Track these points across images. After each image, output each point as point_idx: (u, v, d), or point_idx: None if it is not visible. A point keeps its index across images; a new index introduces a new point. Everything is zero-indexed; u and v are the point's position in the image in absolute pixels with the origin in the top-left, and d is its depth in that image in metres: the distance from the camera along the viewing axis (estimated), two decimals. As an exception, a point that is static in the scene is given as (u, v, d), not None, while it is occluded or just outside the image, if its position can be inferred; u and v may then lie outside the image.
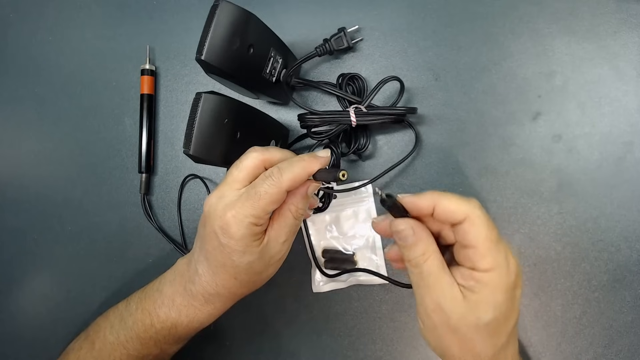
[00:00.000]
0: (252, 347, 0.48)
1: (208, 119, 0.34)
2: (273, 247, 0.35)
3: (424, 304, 0.30)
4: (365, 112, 0.42)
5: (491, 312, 0.28)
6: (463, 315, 0.29)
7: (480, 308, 0.28)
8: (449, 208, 0.29)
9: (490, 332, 0.29)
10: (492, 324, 0.29)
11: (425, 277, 0.30)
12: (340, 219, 0.47)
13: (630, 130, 0.44)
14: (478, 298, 0.28)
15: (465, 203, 0.29)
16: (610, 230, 0.44)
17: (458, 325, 0.29)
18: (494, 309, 0.28)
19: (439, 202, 0.29)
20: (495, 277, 0.28)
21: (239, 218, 0.32)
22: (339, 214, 0.47)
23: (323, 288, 0.46)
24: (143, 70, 0.50)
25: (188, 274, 0.36)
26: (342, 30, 0.46)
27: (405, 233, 0.30)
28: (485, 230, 0.29)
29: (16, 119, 0.53)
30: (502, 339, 0.30)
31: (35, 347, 0.50)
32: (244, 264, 0.34)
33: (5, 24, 0.54)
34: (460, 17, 0.47)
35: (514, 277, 0.29)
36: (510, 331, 0.30)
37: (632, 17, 0.45)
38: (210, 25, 0.34)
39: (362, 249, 0.46)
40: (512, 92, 0.46)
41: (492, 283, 0.28)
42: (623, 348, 0.44)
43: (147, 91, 0.50)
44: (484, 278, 0.28)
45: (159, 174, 0.50)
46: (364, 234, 0.46)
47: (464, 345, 0.29)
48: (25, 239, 0.52)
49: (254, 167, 0.33)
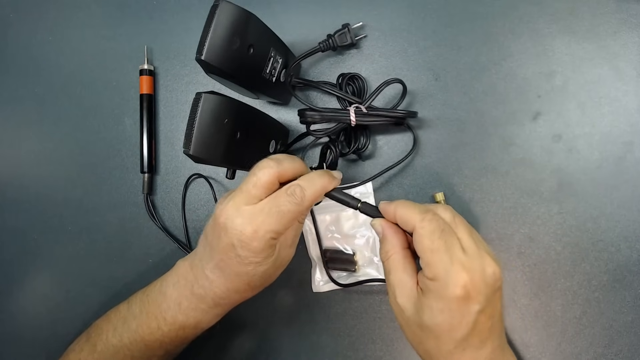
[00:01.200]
0: (252, 347, 0.48)
1: (208, 119, 0.34)
2: (283, 253, 0.36)
3: (389, 293, 0.34)
4: (366, 112, 0.42)
5: (431, 320, 0.30)
6: (412, 313, 0.32)
7: (424, 311, 0.30)
8: (402, 217, 0.33)
9: (434, 335, 0.31)
10: (434, 329, 0.30)
11: (387, 272, 0.34)
12: (341, 219, 0.47)
13: (630, 130, 0.44)
14: (424, 302, 0.31)
15: (416, 214, 0.32)
16: (610, 230, 0.44)
17: (408, 320, 0.32)
18: (434, 316, 0.30)
19: (396, 210, 0.33)
20: (438, 287, 0.30)
21: (260, 234, 0.32)
22: (339, 214, 0.47)
23: (323, 288, 0.46)
24: (142, 70, 0.50)
25: (193, 277, 0.36)
26: (346, 26, 0.45)
27: (375, 229, 0.35)
28: (427, 242, 0.30)
29: (16, 119, 0.53)
30: (449, 345, 0.31)
31: (35, 347, 0.50)
32: (259, 274, 0.34)
33: (5, 24, 0.54)
34: (460, 17, 0.47)
35: (459, 291, 0.29)
36: (459, 341, 0.30)
37: (632, 17, 0.45)
38: (210, 25, 0.34)
39: (363, 249, 0.46)
40: (512, 92, 0.46)
41: (435, 291, 0.30)
42: (623, 348, 0.44)
43: (146, 91, 0.50)
44: (429, 285, 0.30)
45: (160, 174, 0.50)
46: (364, 234, 0.46)
47: (415, 338, 0.32)
48: (25, 239, 0.52)
49: (270, 183, 0.33)
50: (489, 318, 0.31)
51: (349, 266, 0.46)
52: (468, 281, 0.29)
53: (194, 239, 0.50)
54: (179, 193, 0.50)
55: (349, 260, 0.46)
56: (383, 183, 0.47)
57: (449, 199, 0.46)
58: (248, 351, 0.48)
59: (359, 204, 0.36)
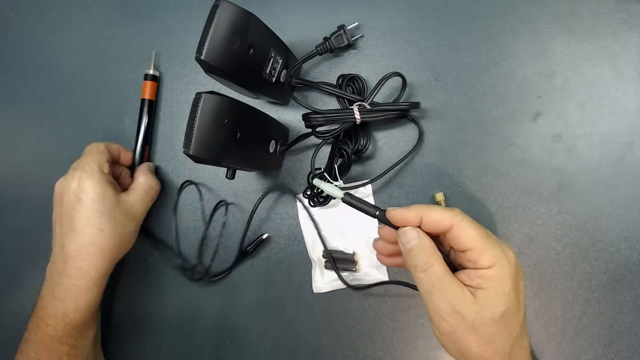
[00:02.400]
0: (252, 347, 0.48)
1: (208, 119, 0.34)
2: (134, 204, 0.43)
3: (437, 309, 0.31)
4: (369, 109, 0.42)
5: (503, 304, 0.30)
6: (478, 312, 0.30)
7: (492, 302, 0.30)
8: (434, 218, 0.32)
9: (505, 324, 0.30)
10: (506, 315, 0.30)
11: (436, 282, 0.31)
12: (339, 219, 0.47)
13: (630, 130, 0.44)
14: (488, 294, 0.30)
15: (447, 212, 0.32)
16: (610, 230, 0.44)
17: (475, 323, 0.30)
18: (504, 300, 0.30)
19: (425, 213, 0.32)
20: (499, 271, 0.30)
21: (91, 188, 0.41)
22: (337, 215, 0.47)
23: (323, 288, 0.46)
24: (146, 75, 0.50)
25: (53, 266, 0.41)
26: (342, 28, 0.46)
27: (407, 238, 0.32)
28: (474, 231, 0.31)
29: (16, 119, 0.53)
30: (517, 329, 0.31)
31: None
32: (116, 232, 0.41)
33: (5, 24, 0.54)
34: (460, 17, 0.47)
35: (515, 267, 0.31)
36: (522, 321, 0.31)
37: (632, 17, 0.45)
38: (211, 25, 0.34)
39: (363, 249, 0.46)
40: (512, 92, 0.46)
41: (497, 277, 0.30)
42: (623, 348, 0.44)
43: (148, 96, 0.49)
44: (489, 274, 0.30)
45: (160, 175, 0.50)
46: (364, 234, 0.46)
47: (483, 341, 0.30)
48: (25, 239, 0.52)
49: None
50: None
51: (349, 266, 0.46)
52: (515, 256, 0.31)
53: (185, 245, 0.50)
54: (179, 194, 0.50)
55: (349, 260, 0.46)
56: (383, 183, 0.47)
57: (449, 199, 0.46)
58: (248, 351, 0.48)
59: (377, 212, 0.34)
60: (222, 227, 0.49)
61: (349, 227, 0.47)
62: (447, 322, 0.30)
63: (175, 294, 0.49)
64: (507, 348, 0.30)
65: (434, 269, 0.31)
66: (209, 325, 0.49)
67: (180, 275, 0.49)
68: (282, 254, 0.48)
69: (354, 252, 0.46)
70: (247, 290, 0.49)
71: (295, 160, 0.48)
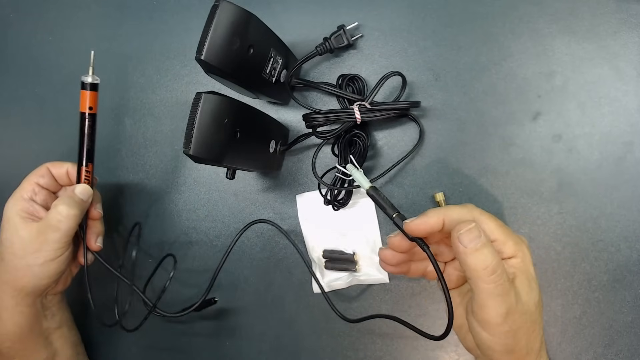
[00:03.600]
0: (252, 347, 0.48)
1: (208, 119, 0.34)
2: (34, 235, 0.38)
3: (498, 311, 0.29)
4: (369, 108, 0.42)
5: (536, 289, 0.32)
6: (523, 303, 0.30)
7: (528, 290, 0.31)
8: (455, 217, 0.32)
9: (541, 307, 0.32)
10: (539, 299, 0.32)
11: (504, 281, 0.29)
12: (341, 219, 0.47)
13: (630, 130, 0.44)
14: (522, 282, 0.31)
15: (464, 208, 0.32)
16: (610, 230, 0.44)
17: (525, 315, 0.30)
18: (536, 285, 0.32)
19: (446, 215, 0.32)
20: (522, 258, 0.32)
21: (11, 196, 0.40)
22: (338, 214, 0.47)
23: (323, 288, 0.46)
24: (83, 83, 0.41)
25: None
26: (342, 28, 0.46)
27: (474, 234, 0.30)
28: (493, 222, 0.32)
29: (16, 119, 0.53)
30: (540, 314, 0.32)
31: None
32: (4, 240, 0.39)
33: (5, 24, 0.54)
34: (460, 17, 0.47)
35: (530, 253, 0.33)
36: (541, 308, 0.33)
37: (632, 17, 0.45)
38: (210, 25, 0.34)
39: (363, 249, 0.46)
40: (512, 92, 0.46)
41: (523, 264, 0.32)
42: (623, 348, 0.44)
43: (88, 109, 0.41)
44: (516, 263, 0.31)
45: (159, 175, 0.50)
46: (364, 234, 0.46)
47: (533, 329, 0.31)
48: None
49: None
50: None
51: (349, 266, 0.46)
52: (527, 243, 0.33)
53: (176, 249, 0.49)
54: (179, 194, 0.50)
55: (349, 260, 0.46)
56: (383, 183, 0.47)
57: (449, 199, 0.46)
58: (248, 351, 0.48)
59: (394, 214, 0.33)
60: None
61: (348, 228, 0.47)
62: (512, 319, 0.30)
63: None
64: (542, 332, 0.33)
65: (493, 279, 0.29)
66: (209, 325, 0.49)
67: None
68: (282, 254, 0.48)
69: (354, 252, 0.46)
70: (247, 290, 0.49)
71: (295, 160, 0.48)
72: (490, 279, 0.29)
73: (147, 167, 0.51)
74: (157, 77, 0.51)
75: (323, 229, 0.47)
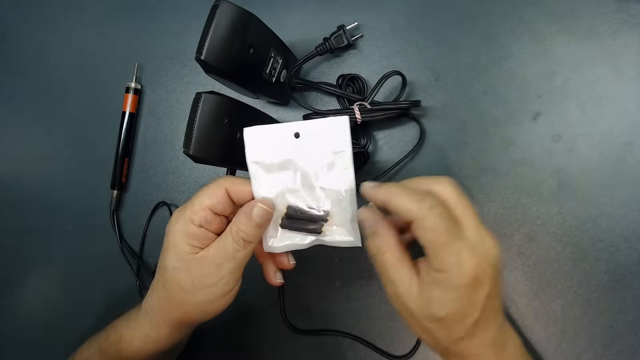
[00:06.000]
0: (252, 348, 0.48)
1: (208, 119, 0.34)
2: (206, 266, 0.33)
3: (386, 291, 0.32)
4: (370, 108, 0.42)
5: (443, 311, 0.29)
6: (418, 307, 0.30)
7: (433, 304, 0.29)
8: (397, 207, 0.30)
9: (445, 326, 0.30)
10: (446, 319, 0.29)
11: (383, 270, 0.31)
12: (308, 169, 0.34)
13: (630, 130, 0.44)
14: (431, 295, 0.29)
15: (416, 203, 0.29)
16: (610, 230, 0.44)
17: (415, 314, 0.30)
18: (446, 307, 0.29)
19: (390, 199, 0.30)
20: (447, 278, 0.29)
21: (178, 211, 0.33)
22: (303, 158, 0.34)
23: (276, 246, 0.35)
24: (128, 88, 0.50)
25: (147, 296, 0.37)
26: (342, 28, 0.46)
27: (365, 224, 0.32)
28: (432, 235, 0.29)
29: (16, 119, 0.53)
30: (460, 332, 0.30)
31: (35, 347, 0.50)
32: (169, 268, 0.33)
33: (5, 24, 0.54)
34: (460, 17, 0.47)
35: (470, 279, 0.29)
36: (470, 327, 0.30)
37: (632, 17, 0.45)
38: (211, 25, 0.34)
39: (335, 207, 0.35)
40: (512, 92, 0.46)
41: (445, 283, 0.29)
42: (623, 348, 0.44)
43: (130, 110, 0.50)
44: (437, 277, 0.29)
45: (159, 175, 0.50)
46: (336, 187, 0.34)
47: (423, 330, 0.31)
48: (26, 239, 0.52)
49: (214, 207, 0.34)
50: (495, 298, 0.31)
51: (315, 227, 0.35)
52: (477, 267, 0.29)
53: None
54: (179, 194, 0.50)
55: (320, 219, 0.35)
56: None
57: (449, 199, 0.46)
58: (247, 351, 0.48)
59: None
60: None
61: (319, 180, 0.35)
62: (394, 305, 0.32)
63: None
64: (445, 344, 0.31)
65: (385, 258, 0.31)
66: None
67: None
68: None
69: (328, 211, 0.35)
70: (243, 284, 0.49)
71: (295, 160, 0.48)
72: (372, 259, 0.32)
73: (147, 167, 0.51)
74: (157, 77, 0.51)
75: (280, 174, 0.34)
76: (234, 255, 0.32)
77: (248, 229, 0.32)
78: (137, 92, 0.50)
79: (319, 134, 0.33)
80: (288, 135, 0.33)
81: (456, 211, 0.31)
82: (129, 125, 0.50)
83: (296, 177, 0.34)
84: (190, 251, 0.32)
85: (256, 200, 0.33)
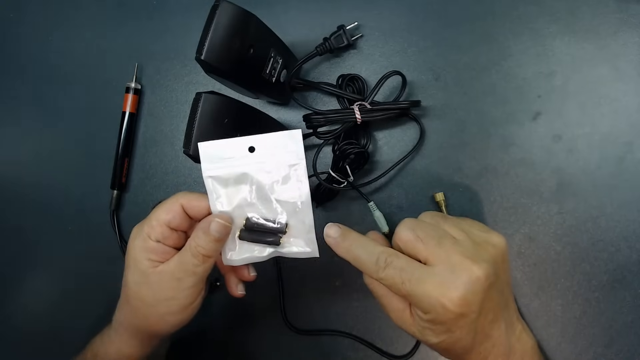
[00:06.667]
0: (252, 348, 0.48)
1: (208, 119, 0.34)
2: (166, 280, 0.33)
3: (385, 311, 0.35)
4: (370, 108, 0.42)
5: (436, 339, 0.32)
6: (414, 332, 0.33)
7: (426, 334, 0.32)
8: (358, 267, 0.34)
9: (441, 349, 0.32)
10: (440, 345, 0.32)
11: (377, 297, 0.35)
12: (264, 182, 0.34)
13: (630, 130, 0.44)
14: (422, 325, 0.32)
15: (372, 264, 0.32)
16: (610, 230, 0.44)
17: (415, 335, 0.33)
18: (438, 337, 0.31)
19: (349, 259, 0.34)
20: (433, 318, 0.31)
21: (137, 227, 0.34)
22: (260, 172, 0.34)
23: (235, 258, 0.35)
24: (128, 88, 0.50)
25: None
26: (342, 28, 0.46)
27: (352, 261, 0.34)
28: (397, 289, 0.32)
29: (16, 119, 0.53)
30: (458, 351, 0.32)
31: (35, 347, 0.50)
32: (131, 284, 0.34)
33: (5, 24, 0.54)
34: (460, 17, 0.47)
35: (452, 315, 0.30)
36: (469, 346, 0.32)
37: (632, 17, 0.45)
38: (210, 25, 0.34)
39: (292, 219, 0.35)
40: (512, 92, 0.46)
41: (432, 321, 0.31)
42: (623, 348, 0.44)
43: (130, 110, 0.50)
44: (424, 317, 0.31)
45: (159, 175, 0.50)
46: (292, 200, 0.34)
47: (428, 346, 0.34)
48: (25, 239, 0.52)
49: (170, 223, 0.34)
50: (489, 312, 0.31)
51: (270, 238, 0.35)
52: (460, 298, 0.29)
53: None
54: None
55: (279, 231, 0.35)
56: (383, 183, 0.47)
57: (449, 199, 0.46)
58: (247, 351, 0.48)
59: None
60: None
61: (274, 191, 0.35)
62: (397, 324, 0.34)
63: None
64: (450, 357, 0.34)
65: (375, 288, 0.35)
66: (210, 323, 0.49)
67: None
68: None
69: (286, 223, 0.35)
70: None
71: (295, 160, 0.48)
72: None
73: (147, 167, 0.51)
74: (157, 77, 0.51)
75: (236, 188, 0.34)
76: (194, 271, 0.33)
77: (207, 244, 0.32)
78: (137, 92, 0.50)
79: (274, 148, 0.33)
80: (242, 149, 0.33)
81: (416, 250, 0.32)
82: (129, 125, 0.50)
83: (252, 191, 0.34)
84: (150, 265, 0.33)
85: (214, 215, 0.33)
